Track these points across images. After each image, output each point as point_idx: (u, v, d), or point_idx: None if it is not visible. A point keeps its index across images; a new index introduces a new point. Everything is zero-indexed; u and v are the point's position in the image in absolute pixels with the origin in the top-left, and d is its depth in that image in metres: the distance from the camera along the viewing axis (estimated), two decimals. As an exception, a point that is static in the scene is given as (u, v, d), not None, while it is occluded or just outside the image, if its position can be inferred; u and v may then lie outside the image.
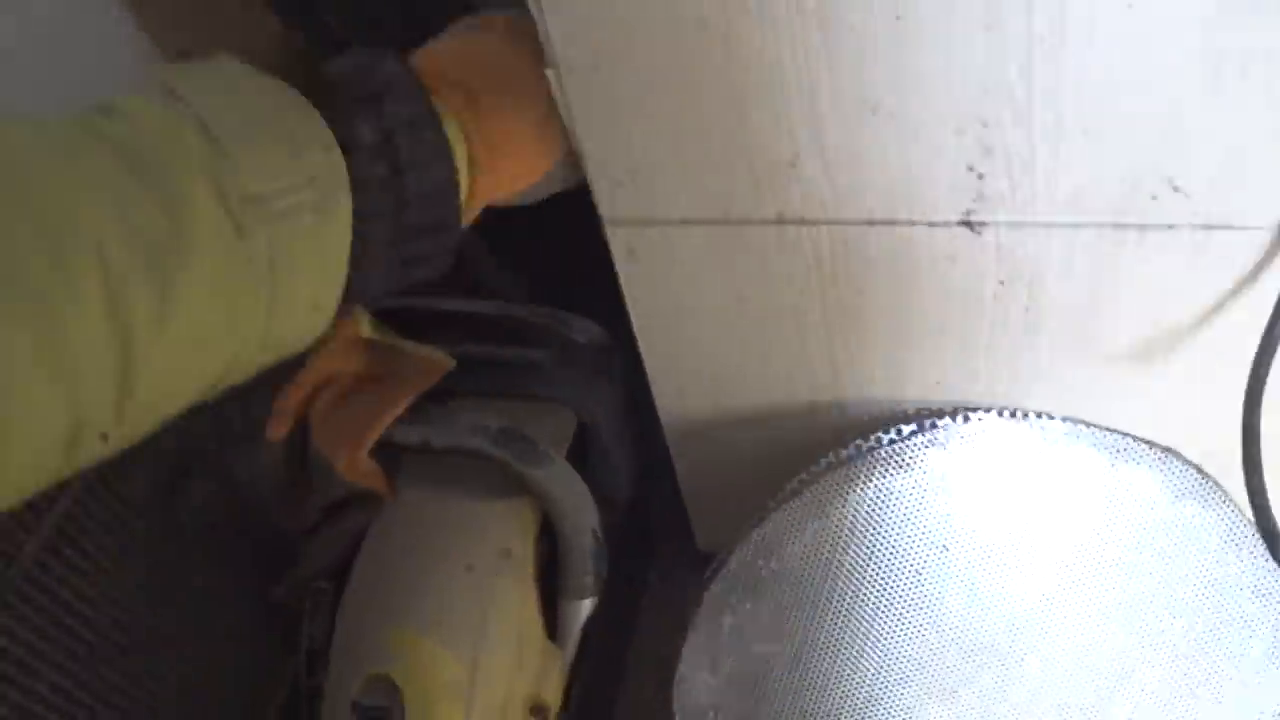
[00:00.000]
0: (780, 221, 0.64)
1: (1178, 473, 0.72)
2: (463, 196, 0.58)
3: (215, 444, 0.92)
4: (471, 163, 0.58)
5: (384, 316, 0.87)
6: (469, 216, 0.61)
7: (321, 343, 0.83)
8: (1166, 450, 0.71)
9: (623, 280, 0.71)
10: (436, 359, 0.85)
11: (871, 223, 0.63)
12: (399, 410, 0.82)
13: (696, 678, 0.84)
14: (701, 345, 0.75)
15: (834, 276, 0.67)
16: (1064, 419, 0.73)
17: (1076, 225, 0.60)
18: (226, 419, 0.94)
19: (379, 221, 0.52)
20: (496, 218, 0.92)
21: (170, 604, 0.90)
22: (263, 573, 0.97)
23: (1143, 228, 0.59)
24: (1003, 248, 0.62)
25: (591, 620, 0.88)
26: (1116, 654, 0.75)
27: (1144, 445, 0.71)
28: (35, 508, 0.75)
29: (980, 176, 0.58)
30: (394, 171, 0.52)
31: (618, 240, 0.68)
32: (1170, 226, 0.58)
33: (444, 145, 0.55)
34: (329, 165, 0.48)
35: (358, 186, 0.49)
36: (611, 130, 0.61)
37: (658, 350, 0.77)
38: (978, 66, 0.53)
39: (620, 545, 0.92)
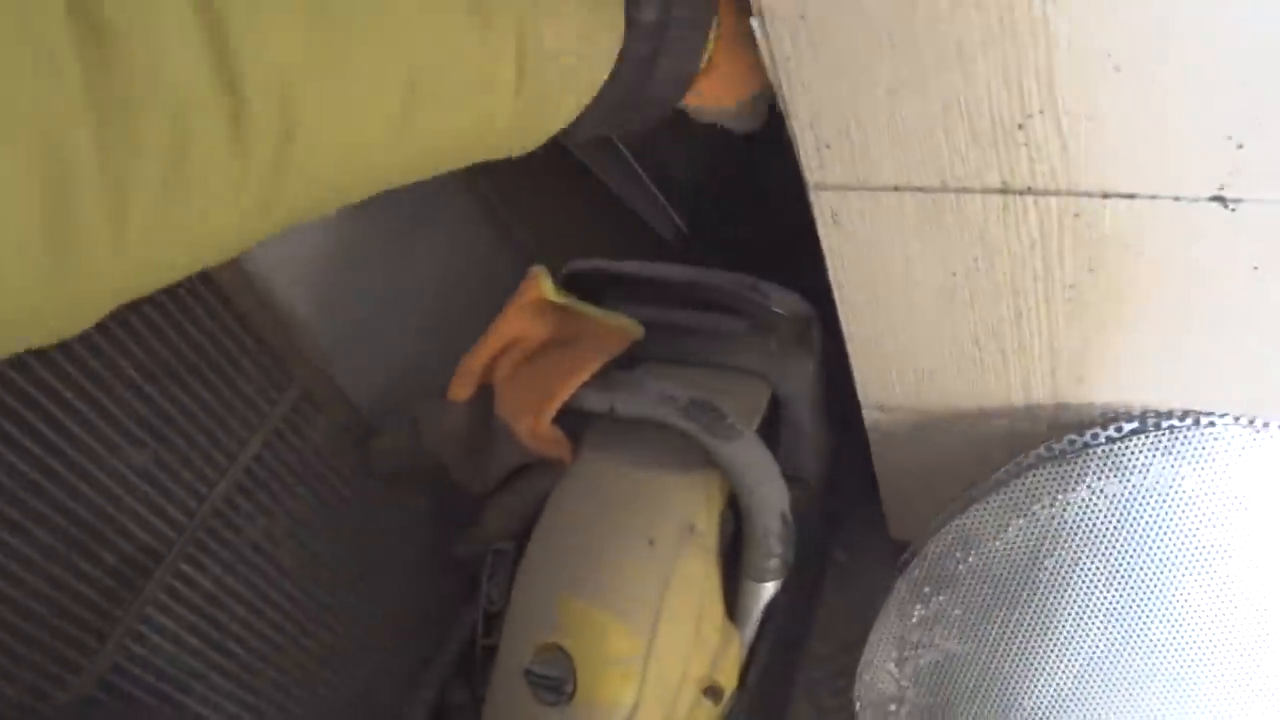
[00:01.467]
0: (1004, 190, 0.59)
1: None
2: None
3: (404, 395, 0.94)
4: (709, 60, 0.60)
5: (571, 278, 0.86)
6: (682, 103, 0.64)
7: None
8: None
9: (826, 250, 0.68)
10: (626, 327, 0.84)
11: (1107, 195, 0.57)
12: (583, 379, 0.81)
13: (881, 667, 0.80)
14: (907, 324, 0.71)
15: (1060, 254, 0.61)
16: (1314, 430, 0.65)
17: (1356, 205, 0.53)
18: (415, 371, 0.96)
19: (619, 86, 0.55)
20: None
21: (351, 548, 0.93)
22: (443, 525, 0.99)
23: None
24: (1262, 228, 0.55)
25: (773, 601, 0.85)
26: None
27: None
28: (226, 449, 0.78)
29: (1240, 146, 0.52)
30: (654, 54, 0.55)
31: (822, 206, 0.65)
32: None
33: (703, 45, 0.58)
34: (608, 43, 0.53)
35: (620, 57, 0.53)
36: (820, 87, 0.58)
37: (860, 328, 0.74)
38: (1247, 15, 0.46)
39: (807, 524, 0.89)
